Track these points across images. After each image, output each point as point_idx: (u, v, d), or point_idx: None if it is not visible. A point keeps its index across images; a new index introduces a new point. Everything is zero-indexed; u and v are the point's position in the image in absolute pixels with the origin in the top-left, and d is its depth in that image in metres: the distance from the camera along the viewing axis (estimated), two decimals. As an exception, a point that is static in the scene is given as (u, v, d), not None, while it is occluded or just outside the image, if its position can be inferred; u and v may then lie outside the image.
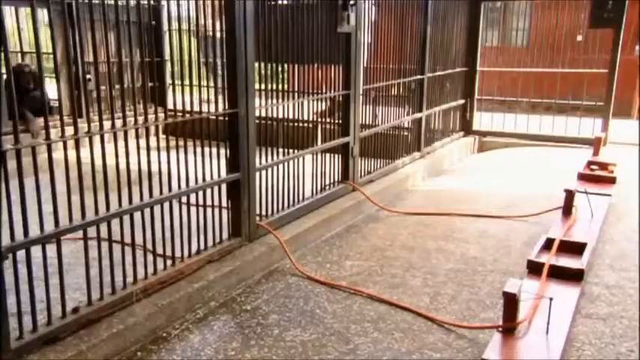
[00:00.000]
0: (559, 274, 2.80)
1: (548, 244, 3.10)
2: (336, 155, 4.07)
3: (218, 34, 2.97)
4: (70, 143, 2.16)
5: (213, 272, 2.77)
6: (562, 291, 2.66)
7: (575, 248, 3.07)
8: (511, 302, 2.27)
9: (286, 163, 3.49)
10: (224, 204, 3.02)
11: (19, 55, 6.51)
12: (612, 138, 6.03)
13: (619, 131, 6.21)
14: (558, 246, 3.05)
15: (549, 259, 2.89)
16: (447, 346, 2.34)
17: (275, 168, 3.38)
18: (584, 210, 3.74)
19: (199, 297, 2.65)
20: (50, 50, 2.49)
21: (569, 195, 3.70)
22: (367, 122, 4.42)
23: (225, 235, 3.02)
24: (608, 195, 4.19)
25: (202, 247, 2.87)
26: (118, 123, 2.40)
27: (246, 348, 2.33)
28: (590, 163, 4.90)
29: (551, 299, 2.34)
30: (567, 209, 3.70)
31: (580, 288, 2.75)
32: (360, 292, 2.81)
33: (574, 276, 2.79)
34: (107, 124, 2.36)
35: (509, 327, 2.30)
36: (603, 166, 4.81)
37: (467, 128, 6.43)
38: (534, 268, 2.86)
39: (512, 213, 4.00)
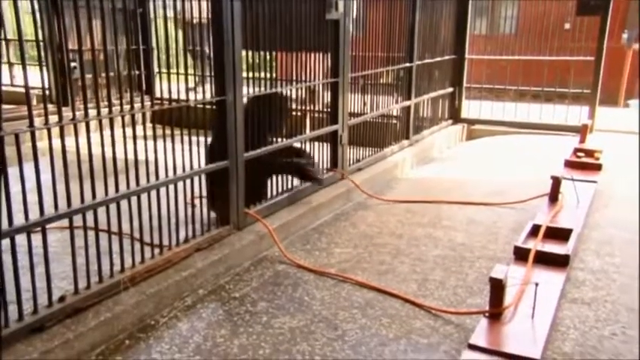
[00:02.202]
0: (545, 259, 2.83)
1: (534, 231, 3.13)
2: (325, 143, 4.07)
3: (205, 21, 2.95)
4: (56, 132, 2.13)
5: (201, 260, 2.77)
6: (548, 276, 2.70)
7: (561, 234, 3.11)
8: (497, 288, 2.30)
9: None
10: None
11: (3, 42, 6.41)
12: (599, 125, 6.08)
13: (606, 119, 6.26)
14: (545, 232, 3.08)
15: (535, 245, 2.92)
16: (435, 332, 2.36)
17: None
18: (571, 196, 3.78)
19: (187, 285, 2.64)
20: (33, 37, 2.44)
21: (556, 182, 3.74)
22: (356, 110, 4.42)
23: (213, 224, 3.02)
24: (594, 182, 4.24)
25: (190, 235, 2.87)
26: (104, 112, 2.38)
27: (235, 335, 2.33)
28: (576, 150, 4.94)
29: (536, 284, 2.37)
30: (554, 196, 3.73)
31: (566, 273, 2.78)
32: (348, 279, 2.82)
33: (560, 262, 2.83)
34: (93, 113, 2.33)
35: (495, 312, 2.33)
36: (589, 153, 4.85)
37: (455, 116, 6.45)
38: (520, 254, 2.89)
39: (501, 200, 4.03)
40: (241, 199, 3.13)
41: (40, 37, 4.68)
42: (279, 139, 3.48)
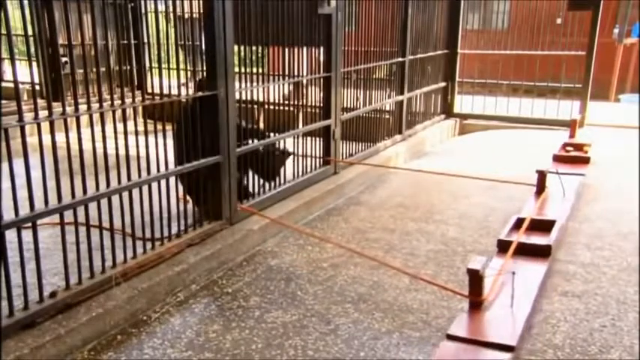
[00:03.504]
0: (528, 251, 2.86)
1: (518, 224, 3.16)
2: (318, 138, 4.07)
3: (197, 16, 2.93)
4: (46, 127, 2.11)
5: (193, 255, 2.76)
6: (529, 267, 2.74)
7: (545, 226, 3.14)
8: (475, 278, 2.32)
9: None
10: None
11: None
12: (591, 120, 6.11)
13: (597, 113, 6.29)
14: (529, 225, 3.11)
15: (518, 237, 2.95)
16: (427, 325, 2.37)
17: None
18: (558, 189, 3.81)
19: (180, 280, 2.64)
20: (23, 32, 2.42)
21: (541, 176, 3.78)
22: (349, 105, 4.42)
23: (205, 219, 3.01)
24: (582, 174, 4.27)
25: (182, 230, 2.86)
26: (95, 107, 2.37)
27: (227, 330, 2.33)
28: (565, 144, 4.97)
29: (513, 274, 2.39)
30: (540, 189, 3.78)
31: (547, 264, 2.80)
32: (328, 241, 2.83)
33: (541, 253, 2.85)
34: (84, 108, 2.32)
35: (475, 301, 2.34)
36: (579, 147, 4.88)
37: (448, 111, 6.46)
38: (503, 247, 2.92)
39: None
40: (234, 194, 3.13)
41: (30, 31, 4.64)
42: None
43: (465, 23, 6.47)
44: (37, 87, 5.48)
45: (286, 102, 4.07)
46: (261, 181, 3.45)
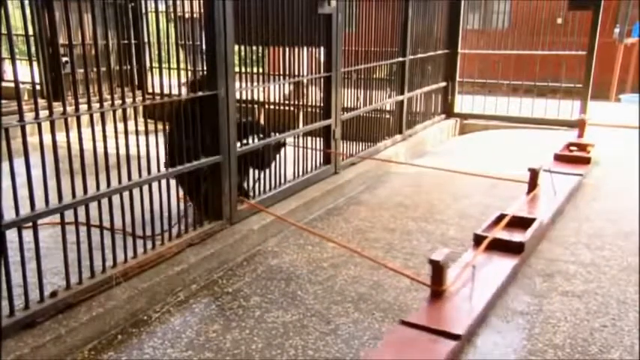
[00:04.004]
0: (501, 246, 2.91)
1: (500, 220, 3.21)
2: (318, 138, 4.07)
3: (197, 15, 2.93)
4: (47, 127, 2.11)
5: (194, 255, 2.76)
6: (499, 262, 2.80)
7: (525, 223, 3.16)
8: (436, 269, 2.40)
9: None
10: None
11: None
12: (590, 120, 6.09)
13: (597, 113, 6.28)
14: (510, 221, 3.15)
15: (494, 232, 3.00)
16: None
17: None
18: (554, 188, 3.84)
19: (180, 280, 2.64)
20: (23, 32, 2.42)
21: (533, 174, 3.82)
22: (349, 105, 4.42)
23: (205, 219, 3.01)
24: (579, 175, 4.26)
25: (183, 230, 2.86)
26: (96, 106, 2.37)
27: (227, 330, 2.33)
28: (569, 144, 4.96)
29: (473, 267, 2.46)
30: (531, 187, 3.82)
31: (518, 260, 2.84)
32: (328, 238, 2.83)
33: (514, 249, 2.90)
34: (84, 107, 2.32)
35: (436, 290, 2.43)
36: (582, 147, 4.87)
37: (448, 111, 6.46)
38: (479, 241, 2.96)
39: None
40: (234, 193, 3.13)
41: (31, 31, 4.64)
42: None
43: (466, 23, 6.47)
44: (38, 87, 5.47)
45: (287, 102, 4.07)
46: (257, 173, 3.41)
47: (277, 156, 3.53)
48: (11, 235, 2.02)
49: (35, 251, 2.12)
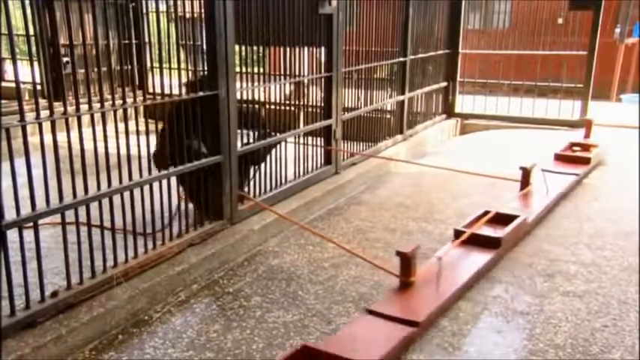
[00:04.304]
0: (479, 242, 2.99)
1: (484, 216, 3.27)
2: (319, 138, 4.07)
3: (198, 15, 2.93)
4: (47, 127, 2.11)
5: (194, 255, 2.76)
6: (475, 256, 2.88)
7: (507, 220, 3.22)
8: (404, 261, 2.52)
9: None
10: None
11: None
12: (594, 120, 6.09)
13: (598, 113, 6.28)
14: (495, 218, 3.23)
15: (474, 228, 3.07)
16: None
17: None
18: (551, 187, 3.88)
19: (181, 280, 2.64)
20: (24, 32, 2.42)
21: (525, 172, 3.89)
22: (350, 105, 4.42)
23: (206, 219, 3.01)
24: (575, 174, 4.26)
25: (184, 230, 2.86)
26: (96, 106, 2.37)
27: (228, 330, 2.33)
28: (572, 144, 4.94)
29: (439, 259, 2.60)
30: (523, 186, 3.89)
31: (494, 254, 2.90)
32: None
33: (492, 244, 2.97)
34: (85, 107, 2.32)
35: (404, 281, 2.55)
36: (586, 147, 4.86)
37: (449, 111, 6.45)
38: (458, 236, 3.02)
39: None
40: (235, 193, 3.13)
41: (31, 31, 4.64)
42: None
43: (466, 23, 6.46)
44: (39, 87, 5.48)
45: (287, 102, 4.07)
46: (252, 170, 3.39)
47: (272, 151, 3.50)
48: (12, 235, 2.02)
49: (36, 251, 2.12)
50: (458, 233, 3.05)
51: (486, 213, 3.28)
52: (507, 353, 2.17)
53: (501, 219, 3.23)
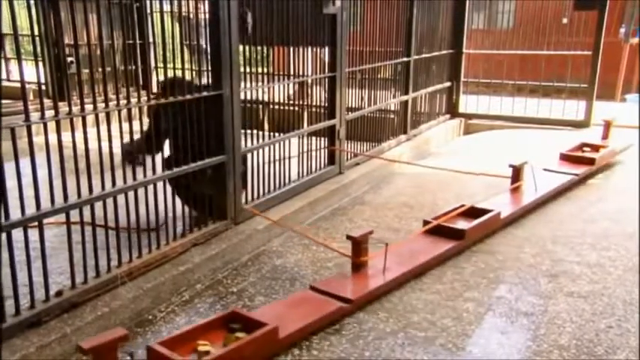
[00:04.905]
0: (445, 233, 3.12)
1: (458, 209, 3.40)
2: (323, 138, 4.07)
3: (202, 15, 2.94)
4: (52, 127, 2.12)
5: (198, 255, 2.77)
6: (435, 245, 3.01)
7: (480, 214, 3.32)
8: (355, 244, 2.68)
9: (272, 146, 3.47)
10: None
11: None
12: (596, 120, 6.07)
13: (603, 113, 6.25)
14: (468, 211, 3.35)
15: (442, 220, 3.19)
16: (432, 325, 2.36)
17: (261, 151, 3.37)
18: (540, 185, 3.91)
19: (185, 280, 2.64)
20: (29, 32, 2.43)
21: (515, 170, 3.95)
22: (354, 105, 4.42)
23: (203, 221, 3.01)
24: (575, 174, 4.24)
25: (187, 230, 2.87)
26: (101, 106, 2.37)
27: (232, 329, 2.33)
28: (583, 144, 4.90)
29: (386, 245, 2.72)
30: (513, 182, 3.95)
31: (455, 245, 3.02)
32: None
33: (456, 235, 3.09)
34: (90, 107, 2.32)
35: (354, 262, 2.71)
36: (595, 148, 4.82)
37: (453, 111, 6.44)
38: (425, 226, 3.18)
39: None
40: (238, 193, 3.13)
41: (36, 31, 4.66)
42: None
43: (470, 23, 6.45)
44: (43, 87, 5.49)
45: (291, 102, 4.07)
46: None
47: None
48: (17, 234, 2.03)
49: (41, 250, 2.13)
50: (426, 223, 3.17)
51: (462, 206, 3.39)
52: (511, 354, 2.17)
53: (476, 212, 3.33)
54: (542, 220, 3.60)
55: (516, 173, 3.93)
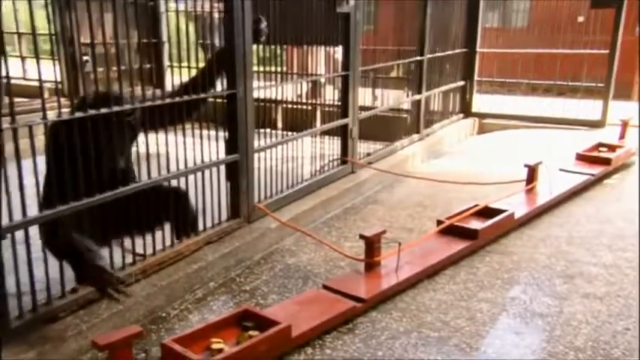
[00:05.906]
0: (459, 233, 3.11)
1: (472, 209, 3.39)
2: (335, 137, 4.06)
3: (216, 14, 2.95)
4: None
5: (212, 253, 2.78)
6: (449, 245, 3.00)
7: (494, 214, 3.30)
8: (368, 244, 2.69)
9: (285, 145, 3.48)
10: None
11: (16, 36, 6.45)
12: (612, 120, 6.00)
13: (619, 113, 6.17)
14: (481, 211, 3.34)
15: (455, 220, 3.18)
16: (445, 325, 2.35)
17: (274, 150, 3.38)
18: (555, 185, 3.88)
19: (198, 278, 2.66)
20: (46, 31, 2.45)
21: (530, 170, 3.92)
22: (366, 104, 4.40)
23: (224, 217, 3.02)
24: (591, 175, 4.19)
25: (201, 228, 2.88)
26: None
27: (246, 327, 2.34)
28: (600, 144, 4.85)
29: (399, 244, 2.71)
30: (528, 182, 3.92)
31: (468, 245, 3.01)
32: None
33: (470, 235, 3.08)
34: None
35: (368, 262, 2.72)
36: (612, 148, 4.76)
37: (466, 110, 6.40)
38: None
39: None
40: (251, 191, 3.14)
41: (53, 31, 4.70)
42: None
43: (485, 21, 6.40)
44: (59, 85, 5.55)
45: (304, 100, 4.07)
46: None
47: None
48: (33, 231, 2.05)
49: (57, 247, 2.15)
50: (439, 223, 3.17)
51: (476, 206, 3.38)
52: (526, 354, 2.15)
53: (491, 212, 3.32)
54: (558, 220, 3.56)
55: (531, 173, 3.91)
